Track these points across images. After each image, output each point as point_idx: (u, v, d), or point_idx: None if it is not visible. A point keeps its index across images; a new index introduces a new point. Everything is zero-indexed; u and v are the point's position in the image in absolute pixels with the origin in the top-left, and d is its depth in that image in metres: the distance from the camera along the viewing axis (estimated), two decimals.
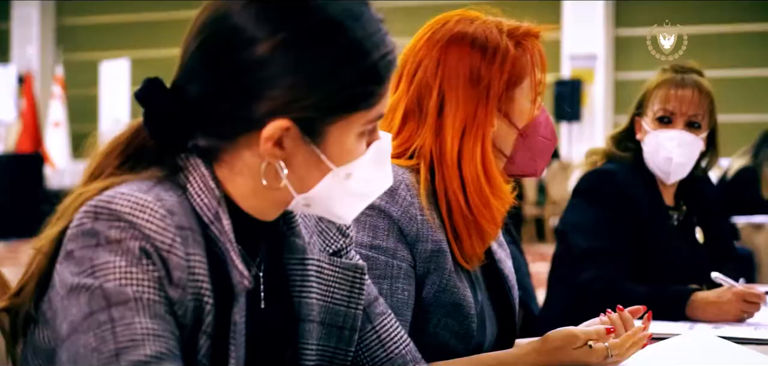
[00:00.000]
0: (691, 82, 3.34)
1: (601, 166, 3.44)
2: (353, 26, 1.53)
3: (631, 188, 3.31)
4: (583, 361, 2.11)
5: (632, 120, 3.46)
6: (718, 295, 2.94)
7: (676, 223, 3.40)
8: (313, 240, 1.74)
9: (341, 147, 1.56)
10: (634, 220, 3.27)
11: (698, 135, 3.33)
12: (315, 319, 1.70)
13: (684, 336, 2.55)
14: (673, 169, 3.34)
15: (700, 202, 3.49)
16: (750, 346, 2.52)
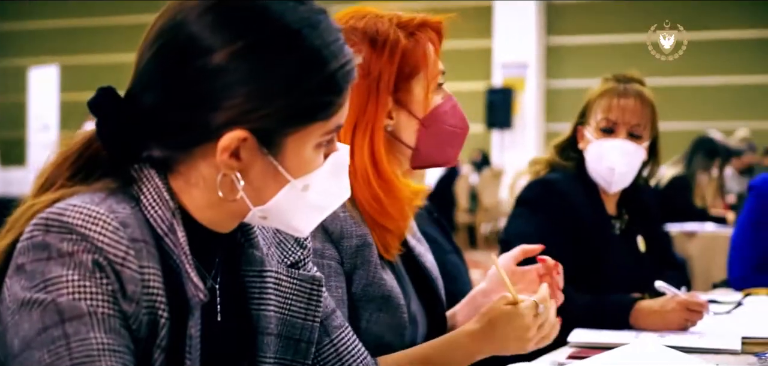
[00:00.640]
0: (633, 91, 3.36)
1: (544, 175, 3.44)
2: (311, 35, 1.51)
3: (574, 197, 3.32)
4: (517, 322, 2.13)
5: (575, 129, 3.46)
6: (661, 304, 2.95)
7: (618, 231, 3.41)
8: (271, 252, 1.71)
9: (299, 158, 1.53)
10: (577, 229, 3.28)
11: (640, 144, 3.35)
12: (272, 332, 1.68)
13: (631, 345, 2.54)
14: (616, 178, 3.35)
15: (642, 210, 3.51)
16: (695, 354, 2.53)
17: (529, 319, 2.12)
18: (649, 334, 2.86)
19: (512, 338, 2.13)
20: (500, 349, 2.15)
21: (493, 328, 2.13)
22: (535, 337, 2.15)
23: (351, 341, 1.85)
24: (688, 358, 2.44)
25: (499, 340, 2.13)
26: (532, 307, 2.13)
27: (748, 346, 2.65)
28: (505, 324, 2.12)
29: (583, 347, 2.70)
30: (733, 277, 3.96)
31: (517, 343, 2.14)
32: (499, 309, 2.14)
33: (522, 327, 2.12)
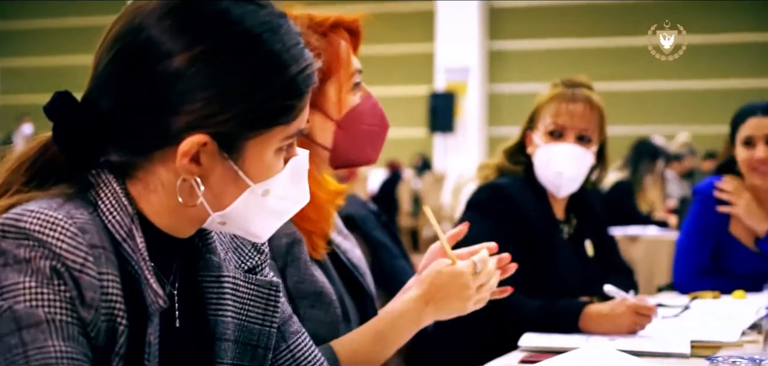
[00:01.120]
0: (581, 96, 3.37)
1: (493, 179, 3.45)
2: (271, 39, 1.50)
3: (523, 202, 3.33)
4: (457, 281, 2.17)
5: (523, 134, 3.47)
6: (611, 307, 2.96)
7: (566, 236, 3.43)
8: (229, 256, 1.70)
9: (259, 163, 1.52)
10: (526, 233, 3.29)
11: (588, 149, 3.36)
12: (230, 338, 1.66)
13: (583, 349, 2.56)
14: (564, 182, 3.36)
15: (590, 215, 3.53)
16: (646, 358, 2.55)
17: (467, 277, 2.18)
18: (599, 337, 2.87)
19: (453, 298, 2.18)
20: (443, 309, 2.20)
21: (436, 289, 2.18)
22: (474, 296, 2.20)
23: (308, 347, 1.84)
24: (639, 362, 2.46)
25: (441, 300, 2.18)
26: (470, 266, 2.18)
27: (697, 350, 2.67)
28: (446, 284, 2.18)
29: (534, 351, 2.71)
30: (678, 281, 3.99)
31: (458, 302, 2.19)
32: (438, 270, 2.19)
33: (461, 285, 2.18)
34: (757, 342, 2.81)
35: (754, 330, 2.99)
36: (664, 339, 2.79)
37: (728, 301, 3.49)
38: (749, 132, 3.85)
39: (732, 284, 3.75)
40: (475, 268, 2.19)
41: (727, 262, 3.98)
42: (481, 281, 2.20)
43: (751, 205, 3.90)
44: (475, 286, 2.19)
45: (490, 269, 2.23)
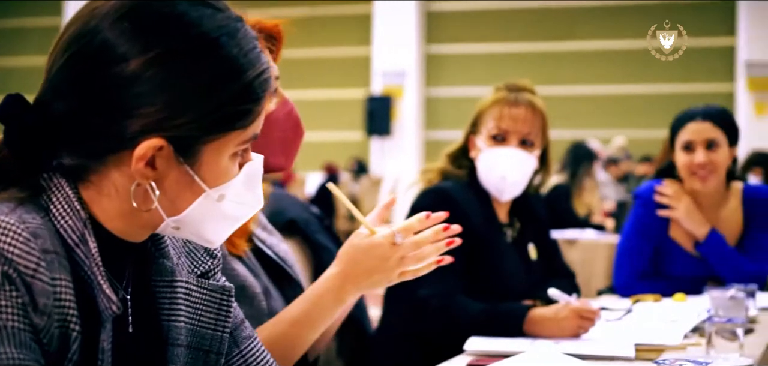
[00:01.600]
0: (524, 101, 3.38)
1: (436, 183, 3.45)
2: (229, 44, 1.49)
3: (467, 205, 3.34)
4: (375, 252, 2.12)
5: (466, 138, 3.48)
6: (555, 311, 2.97)
7: (510, 239, 3.44)
8: (182, 261, 1.68)
9: (215, 168, 1.51)
10: (470, 237, 3.28)
11: (531, 153, 3.38)
12: (182, 344, 1.65)
13: (530, 352, 2.57)
14: (508, 186, 3.38)
15: (533, 218, 3.55)
16: (591, 361, 2.57)
17: (386, 248, 2.11)
18: (543, 341, 2.88)
19: (373, 270, 2.12)
20: (366, 282, 2.15)
21: (354, 264, 2.13)
22: (396, 266, 2.12)
23: (260, 352, 1.83)
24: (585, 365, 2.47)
25: (361, 274, 2.13)
26: (389, 236, 2.11)
27: (641, 352, 2.69)
28: (364, 256, 2.12)
29: (480, 355, 2.71)
30: (618, 284, 4.02)
31: (380, 274, 2.13)
32: (355, 243, 2.15)
33: (380, 256, 2.11)
34: (700, 344, 2.84)
35: (695, 332, 3.02)
36: (609, 342, 2.81)
37: (669, 304, 3.52)
38: (689, 137, 3.89)
39: (671, 287, 3.79)
40: (394, 237, 2.12)
41: (666, 266, 4.01)
42: (405, 251, 2.12)
43: (691, 209, 3.94)
44: (395, 256, 2.11)
45: (418, 239, 2.14)
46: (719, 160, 3.87)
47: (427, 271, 2.18)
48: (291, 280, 2.48)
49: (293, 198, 3.28)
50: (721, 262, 3.92)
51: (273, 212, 2.85)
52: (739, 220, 4.01)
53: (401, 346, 3.31)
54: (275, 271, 2.45)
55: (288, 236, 3.03)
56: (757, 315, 3.30)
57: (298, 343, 2.16)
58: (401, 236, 2.13)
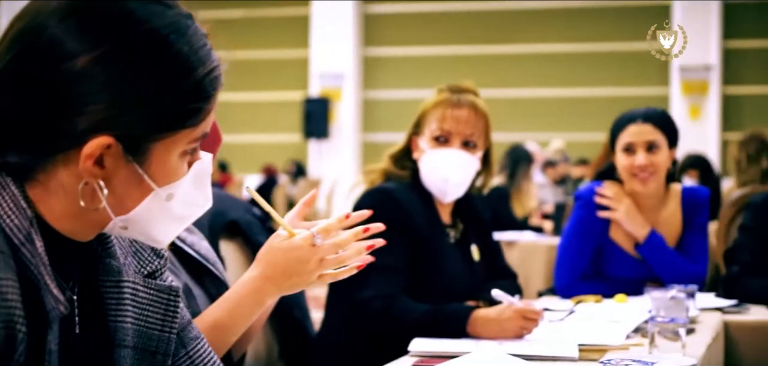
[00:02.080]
0: (467, 102, 3.39)
1: (379, 184, 3.44)
2: (178, 41, 1.47)
3: (410, 206, 3.33)
4: (294, 254, 2.10)
5: (409, 139, 3.48)
6: (498, 312, 2.97)
7: (453, 240, 3.44)
8: (129, 261, 1.66)
9: (164, 166, 1.49)
10: (413, 237, 3.29)
11: (474, 154, 3.38)
12: (129, 344, 1.62)
13: (475, 353, 2.57)
14: (450, 187, 3.38)
15: (475, 220, 3.55)
16: (535, 362, 2.57)
17: (305, 250, 2.09)
18: (488, 342, 2.88)
19: (293, 272, 2.10)
20: (285, 284, 2.13)
21: (273, 266, 2.11)
22: (316, 268, 2.10)
23: (207, 353, 1.80)
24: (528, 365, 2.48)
25: (280, 276, 2.11)
26: (308, 238, 2.09)
27: (584, 352, 2.71)
28: (283, 258, 2.10)
29: (425, 356, 2.71)
30: (559, 286, 4.04)
31: (299, 276, 2.11)
32: (274, 245, 2.13)
33: (299, 259, 2.09)
34: (642, 345, 2.86)
35: (637, 333, 3.04)
36: (552, 342, 2.82)
37: (611, 305, 3.54)
38: (629, 139, 3.91)
39: (612, 288, 3.81)
40: (313, 239, 2.10)
41: (607, 267, 4.04)
42: (324, 253, 2.10)
43: (632, 210, 3.97)
44: (315, 258, 2.09)
45: (338, 241, 2.13)
46: (659, 162, 3.90)
47: (348, 274, 2.16)
48: (215, 278, 2.45)
49: (234, 199, 3.26)
50: (661, 264, 3.95)
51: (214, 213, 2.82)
52: (678, 221, 4.04)
53: (344, 349, 3.29)
54: (197, 270, 2.43)
55: (229, 238, 3.01)
56: (697, 315, 3.34)
57: (219, 344, 2.14)
58: (320, 238, 2.11)
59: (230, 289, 2.19)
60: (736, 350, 3.44)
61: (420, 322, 3.03)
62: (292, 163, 16.87)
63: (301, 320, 3.38)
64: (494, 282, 3.42)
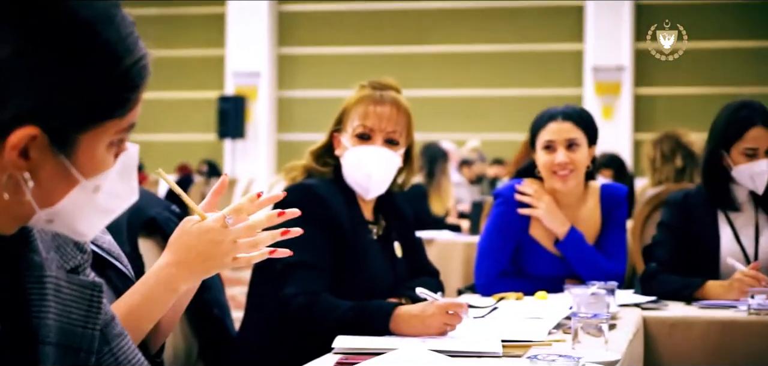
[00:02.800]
0: (389, 99, 3.38)
1: (301, 180, 3.42)
2: (105, 30, 1.43)
3: (333, 202, 3.31)
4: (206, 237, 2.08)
5: (331, 135, 3.46)
6: (421, 309, 2.96)
7: (375, 237, 3.43)
8: (51, 256, 1.61)
9: (92, 158, 1.45)
10: (336, 234, 3.27)
11: (396, 151, 3.38)
12: (52, 341, 1.58)
13: (399, 350, 2.56)
14: (373, 184, 3.37)
15: (397, 216, 3.54)
16: (459, 358, 2.57)
17: (217, 231, 2.07)
18: (411, 339, 2.87)
19: (207, 255, 2.08)
20: (199, 268, 2.10)
21: (185, 250, 2.09)
22: (230, 250, 2.09)
23: (131, 350, 1.76)
24: (453, 362, 2.48)
25: (193, 260, 2.09)
26: (219, 219, 2.07)
27: (508, 349, 2.72)
28: (196, 241, 2.08)
29: (348, 353, 2.69)
30: (479, 283, 4.05)
31: (213, 260, 2.09)
32: (186, 229, 2.10)
33: (212, 241, 2.07)
34: (564, 341, 2.88)
35: (558, 329, 3.06)
36: (476, 339, 2.82)
37: (532, 302, 3.56)
38: (550, 137, 3.94)
39: (532, 286, 3.82)
40: (225, 221, 2.08)
41: (527, 265, 4.06)
42: (237, 235, 2.08)
43: (552, 207, 3.99)
44: (228, 240, 2.08)
45: (251, 222, 2.11)
46: (579, 160, 3.93)
47: (261, 258, 2.14)
48: (120, 272, 2.41)
49: (153, 196, 3.21)
50: (580, 261, 3.98)
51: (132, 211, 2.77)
52: (598, 218, 4.08)
53: (266, 346, 3.26)
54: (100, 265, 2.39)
55: (147, 236, 2.96)
56: (618, 311, 3.37)
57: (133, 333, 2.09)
58: (232, 219, 2.09)
59: (143, 277, 2.15)
60: (655, 346, 3.48)
61: (343, 319, 3.02)
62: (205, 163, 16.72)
63: (221, 319, 3.34)
64: (417, 279, 3.42)
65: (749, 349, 3.42)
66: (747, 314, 3.47)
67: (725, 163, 4.04)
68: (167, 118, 18.02)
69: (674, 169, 6.42)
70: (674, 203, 4.14)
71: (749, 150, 3.99)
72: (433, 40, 17.55)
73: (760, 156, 3.99)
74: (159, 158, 17.16)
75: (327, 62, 17.83)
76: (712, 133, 4.12)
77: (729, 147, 4.02)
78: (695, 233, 4.06)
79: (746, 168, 3.99)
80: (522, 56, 17.27)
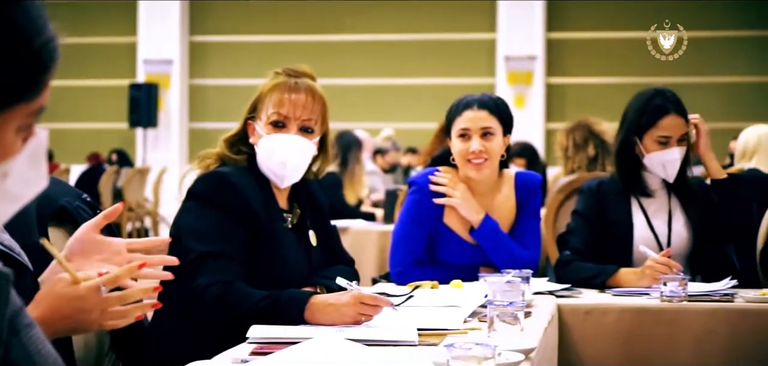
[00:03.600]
0: (304, 86, 3.35)
1: (214, 169, 3.37)
2: (15, 11, 1.39)
3: (247, 190, 3.27)
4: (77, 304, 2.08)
5: (245, 123, 3.41)
6: (336, 298, 2.95)
7: (290, 226, 3.40)
8: None
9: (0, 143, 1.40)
10: (250, 223, 3.24)
11: (311, 139, 3.35)
12: None
13: (315, 339, 2.54)
14: (288, 172, 3.33)
15: (312, 205, 3.52)
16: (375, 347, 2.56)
17: (88, 300, 2.08)
18: (326, 328, 2.85)
19: (73, 320, 2.08)
20: (62, 329, 2.10)
21: (52, 311, 2.08)
22: (99, 318, 2.09)
23: (40, 340, 1.72)
24: (369, 351, 2.46)
25: (58, 321, 2.08)
26: (93, 287, 2.07)
27: (424, 337, 2.71)
28: (65, 305, 2.07)
29: (263, 343, 2.67)
30: (394, 272, 4.05)
31: (80, 325, 2.10)
32: (56, 291, 2.10)
33: (81, 308, 2.08)
34: (480, 329, 2.88)
35: (473, 317, 3.06)
36: (391, 328, 2.81)
37: (448, 290, 3.56)
38: (465, 125, 3.94)
39: (447, 274, 3.83)
40: (99, 290, 2.08)
41: (441, 253, 4.06)
42: (108, 305, 2.09)
43: (466, 196, 4.00)
44: (97, 309, 2.08)
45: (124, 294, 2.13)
46: (493, 149, 3.95)
47: (129, 323, 2.17)
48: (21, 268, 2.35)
49: (64, 184, 3.14)
50: (495, 249, 3.99)
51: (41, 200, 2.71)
52: (512, 207, 4.09)
53: (179, 336, 3.21)
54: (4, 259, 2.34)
55: (57, 225, 2.90)
56: (532, 299, 3.38)
57: None
58: (106, 289, 2.08)
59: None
60: (569, 333, 3.50)
61: (257, 308, 2.99)
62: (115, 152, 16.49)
63: None
64: (332, 267, 3.40)
65: (662, 335, 3.46)
66: (660, 301, 3.51)
67: (638, 150, 4.08)
68: (78, 106, 17.76)
69: (587, 157, 6.47)
70: (588, 191, 4.18)
71: (662, 138, 4.04)
72: (348, 29, 17.53)
73: (672, 144, 4.04)
74: (70, 147, 16.96)
75: (240, 50, 17.70)
76: (624, 120, 4.16)
77: (642, 134, 4.07)
78: (609, 221, 4.10)
79: (658, 156, 4.04)
80: (435, 45, 17.31)
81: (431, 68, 17.19)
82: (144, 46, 17.71)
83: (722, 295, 3.58)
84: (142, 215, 15.32)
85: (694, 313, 3.47)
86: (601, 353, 3.49)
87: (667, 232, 4.09)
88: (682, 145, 4.07)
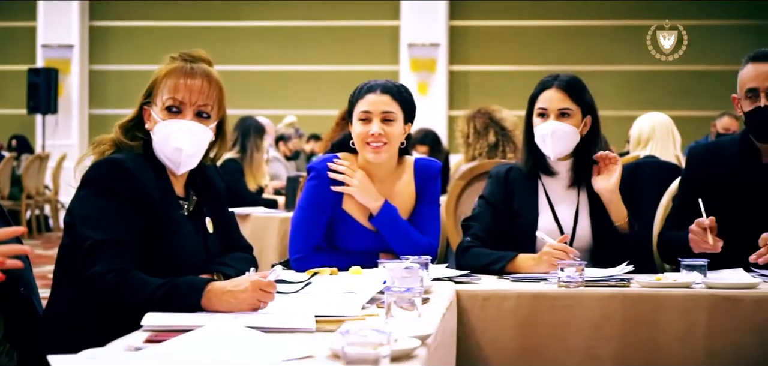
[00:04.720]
0: (201, 71, 3.30)
1: (109, 155, 3.31)
2: None
3: (142, 177, 3.21)
4: None
5: (140, 109, 3.36)
6: (233, 284, 2.93)
7: (186, 213, 3.36)
8: None
9: None
10: (146, 210, 3.18)
11: (208, 125, 3.31)
12: None
13: (210, 326, 2.52)
14: (183, 159, 3.28)
15: (209, 191, 3.48)
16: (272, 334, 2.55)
17: None
18: (223, 315, 2.83)
19: None
20: None
21: None
22: None
23: None
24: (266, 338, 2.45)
25: None
26: None
27: (321, 324, 2.71)
28: None
29: (158, 331, 2.63)
30: (293, 258, 4.03)
31: None
32: None
33: None
34: (378, 315, 2.88)
35: (372, 303, 3.06)
36: (289, 314, 2.80)
37: (346, 277, 3.55)
38: (366, 108, 3.94)
39: (346, 261, 3.82)
40: None
41: (341, 240, 4.05)
42: None
43: (365, 182, 3.99)
44: None
45: None
46: (393, 134, 3.94)
47: None
48: None
49: None
50: (394, 235, 3.99)
51: None
52: (412, 193, 4.10)
53: (73, 324, 3.15)
54: None
55: None
56: (431, 285, 3.39)
57: None
58: None
59: None
60: (467, 319, 3.51)
61: (154, 296, 2.94)
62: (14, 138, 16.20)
63: (28, 297, 3.23)
64: (229, 255, 3.37)
65: (559, 320, 3.49)
66: (557, 286, 3.54)
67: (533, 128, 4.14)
68: None
69: (487, 144, 6.50)
70: (496, 177, 4.20)
71: (541, 110, 4.10)
72: (249, 16, 17.44)
73: (549, 117, 4.07)
74: None
75: (141, 35, 17.51)
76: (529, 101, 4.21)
77: (531, 112, 4.13)
78: (515, 207, 4.12)
79: (538, 129, 4.09)
80: (339, 32, 17.31)
81: (335, 55, 17.20)
82: (43, 30, 17.43)
83: (618, 280, 3.62)
84: (42, 203, 15.09)
85: (591, 298, 3.50)
86: (500, 338, 3.51)
87: (573, 224, 4.11)
88: (563, 121, 4.07)
